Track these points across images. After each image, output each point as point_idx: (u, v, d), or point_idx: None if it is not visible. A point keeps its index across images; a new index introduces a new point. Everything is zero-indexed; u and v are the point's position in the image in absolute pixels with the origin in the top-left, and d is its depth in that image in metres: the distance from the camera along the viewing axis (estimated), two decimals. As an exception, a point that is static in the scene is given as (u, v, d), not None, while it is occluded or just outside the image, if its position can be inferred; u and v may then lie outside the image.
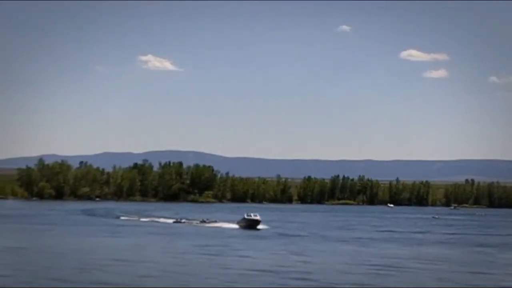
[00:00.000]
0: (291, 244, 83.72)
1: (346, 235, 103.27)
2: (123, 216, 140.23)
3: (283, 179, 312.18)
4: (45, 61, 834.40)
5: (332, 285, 48.92)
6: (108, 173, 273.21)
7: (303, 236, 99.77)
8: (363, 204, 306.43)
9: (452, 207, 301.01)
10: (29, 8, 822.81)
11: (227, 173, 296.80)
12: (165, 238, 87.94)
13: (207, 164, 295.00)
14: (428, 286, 50.06)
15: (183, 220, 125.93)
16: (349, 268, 59.40)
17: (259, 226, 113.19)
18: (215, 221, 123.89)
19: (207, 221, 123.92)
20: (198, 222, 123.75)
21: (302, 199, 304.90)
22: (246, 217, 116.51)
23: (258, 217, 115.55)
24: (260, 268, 56.34)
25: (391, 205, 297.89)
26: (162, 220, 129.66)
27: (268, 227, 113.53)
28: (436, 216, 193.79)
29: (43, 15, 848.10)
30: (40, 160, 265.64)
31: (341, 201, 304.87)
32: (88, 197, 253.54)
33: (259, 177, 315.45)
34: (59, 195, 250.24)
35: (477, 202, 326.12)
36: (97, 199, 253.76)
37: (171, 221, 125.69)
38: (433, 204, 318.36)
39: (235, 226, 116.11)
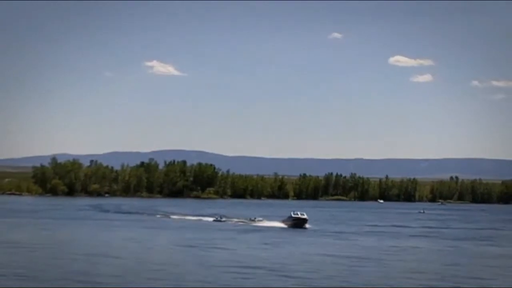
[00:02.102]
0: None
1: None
2: (158, 214, 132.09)
3: (280, 177, 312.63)
4: (58, 68, 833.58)
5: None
6: (116, 171, 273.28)
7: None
8: (354, 200, 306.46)
9: (439, 203, 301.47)
10: (46, 20, 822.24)
11: (227, 171, 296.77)
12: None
13: (209, 162, 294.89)
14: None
15: (223, 219, 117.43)
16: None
17: (306, 225, 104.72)
18: (262, 220, 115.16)
19: (255, 220, 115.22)
20: (246, 221, 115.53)
21: (298, 195, 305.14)
22: (293, 215, 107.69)
23: (305, 216, 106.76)
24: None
25: (381, 201, 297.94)
26: (203, 218, 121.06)
27: (314, 226, 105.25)
28: (422, 211, 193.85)
29: (59, 25, 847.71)
30: (53, 159, 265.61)
31: (334, 197, 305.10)
32: (98, 193, 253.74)
33: (257, 175, 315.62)
34: (71, 192, 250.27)
35: (461, 198, 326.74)
36: (106, 195, 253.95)
37: (211, 219, 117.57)
38: (420, 199, 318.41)
39: (281, 225, 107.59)
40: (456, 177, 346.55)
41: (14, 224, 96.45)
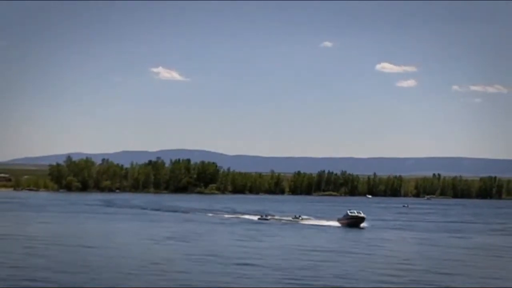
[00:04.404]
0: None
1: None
2: (209, 213, 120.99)
3: (277, 174, 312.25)
4: (71, 73, 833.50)
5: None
6: (126, 169, 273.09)
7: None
8: (345, 195, 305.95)
9: (426, 198, 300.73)
10: (61, 27, 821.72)
11: (228, 169, 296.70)
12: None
13: (212, 161, 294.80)
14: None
15: (268, 217, 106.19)
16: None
17: (363, 224, 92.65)
18: (309, 218, 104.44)
19: (300, 218, 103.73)
20: (291, 218, 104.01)
21: (293, 191, 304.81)
22: (349, 213, 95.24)
23: (362, 214, 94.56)
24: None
25: (370, 196, 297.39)
26: (246, 216, 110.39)
27: (370, 225, 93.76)
28: (406, 205, 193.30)
29: (73, 34, 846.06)
30: (68, 157, 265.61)
31: (326, 193, 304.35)
32: (109, 189, 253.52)
33: (256, 172, 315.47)
34: (84, 188, 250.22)
35: (443, 193, 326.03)
36: (117, 191, 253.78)
37: (255, 217, 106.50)
38: (405, 195, 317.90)
39: (335, 223, 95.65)
40: (439, 174, 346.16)
41: (20, 218, 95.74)
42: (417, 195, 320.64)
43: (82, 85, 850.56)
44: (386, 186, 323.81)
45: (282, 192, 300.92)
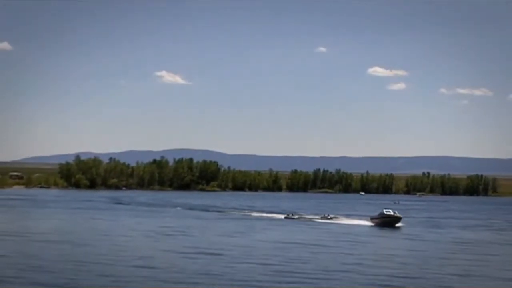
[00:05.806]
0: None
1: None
2: (233, 211, 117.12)
3: (275, 172, 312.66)
4: (79, 78, 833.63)
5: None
6: (132, 167, 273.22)
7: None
8: (339, 192, 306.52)
9: (418, 195, 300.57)
10: (71, 35, 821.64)
11: (229, 167, 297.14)
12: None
13: (213, 160, 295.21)
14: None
15: (295, 216, 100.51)
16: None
17: (398, 224, 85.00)
18: (338, 217, 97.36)
19: (329, 217, 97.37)
20: (319, 218, 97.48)
21: (290, 188, 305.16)
22: (385, 212, 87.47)
23: (398, 214, 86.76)
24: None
25: (363, 193, 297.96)
26: (272, 215, 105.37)
27: (405, 225, 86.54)
28: (396, 202, 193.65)
29: (81, 40, 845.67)
30: (77, 156, 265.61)
31: (321, 190, 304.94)
32: (116, 187, 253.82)
33: (255, 170, 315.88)
34: (92, 185, 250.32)
35: (432, 191, 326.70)
36: (123, 188, 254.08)
37: (282, 216, 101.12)
38: (397, 192, 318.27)
39: (368, 223, 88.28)
40: (428, 173, 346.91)
41: (32, 214, 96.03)
42: (407, 192, 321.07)
43: (89, 88, 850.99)
44: (378, 183, 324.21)
45: (279, 189, 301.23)
